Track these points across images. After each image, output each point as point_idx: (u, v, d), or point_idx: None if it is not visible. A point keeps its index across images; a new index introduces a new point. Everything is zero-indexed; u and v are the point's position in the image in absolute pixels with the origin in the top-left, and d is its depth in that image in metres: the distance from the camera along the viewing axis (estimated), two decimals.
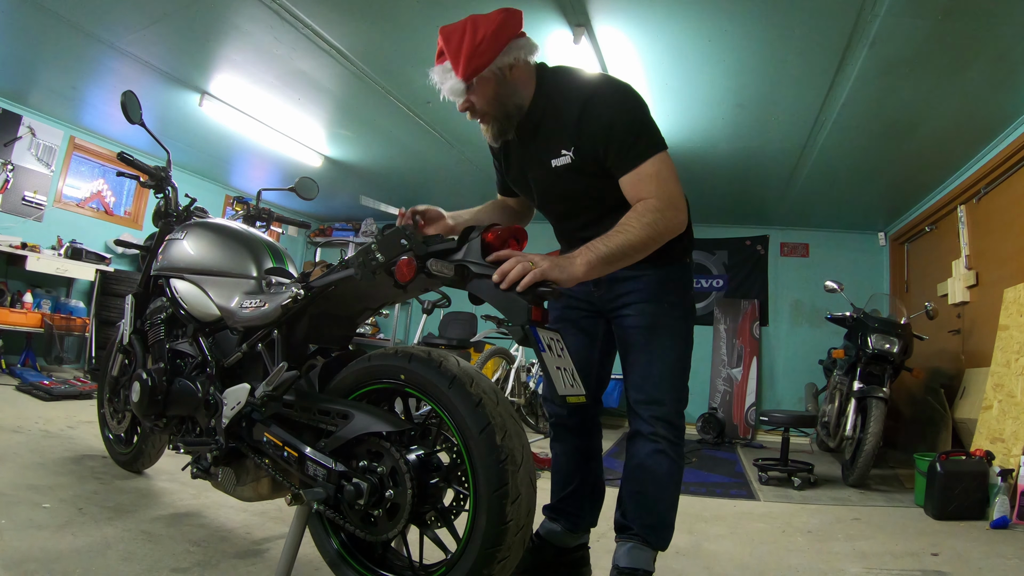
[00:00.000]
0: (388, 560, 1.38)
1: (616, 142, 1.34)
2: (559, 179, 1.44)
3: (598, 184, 1.41)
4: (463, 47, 1.30)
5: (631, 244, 1.26)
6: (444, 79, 1.35)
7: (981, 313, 3.93)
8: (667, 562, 1.90)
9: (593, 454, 1.68)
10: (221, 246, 1.82)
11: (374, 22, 3.09)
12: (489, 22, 1.31)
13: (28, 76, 4.20)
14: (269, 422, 1.44)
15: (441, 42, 1.34)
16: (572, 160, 1.39)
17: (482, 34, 1.29)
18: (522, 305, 1.15)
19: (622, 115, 1.35)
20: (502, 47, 1.32)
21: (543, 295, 1.17)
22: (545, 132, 1.41)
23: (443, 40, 1.33)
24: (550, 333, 1.22)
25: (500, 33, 1.32)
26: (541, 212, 1.63)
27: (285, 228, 7.22)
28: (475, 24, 1.31)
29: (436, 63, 1.37)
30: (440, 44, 1.34)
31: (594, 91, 1.37)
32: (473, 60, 1.29)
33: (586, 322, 1.62)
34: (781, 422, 3.72)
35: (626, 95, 1.38)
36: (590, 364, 1.61)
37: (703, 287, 6.40)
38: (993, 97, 3.23)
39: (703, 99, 3.60)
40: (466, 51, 1.29)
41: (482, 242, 1.21)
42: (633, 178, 1.33)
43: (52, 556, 1.43)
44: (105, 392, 2.32)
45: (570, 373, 1.21)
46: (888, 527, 2.51)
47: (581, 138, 1.36)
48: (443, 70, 1.34)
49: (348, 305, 1.56)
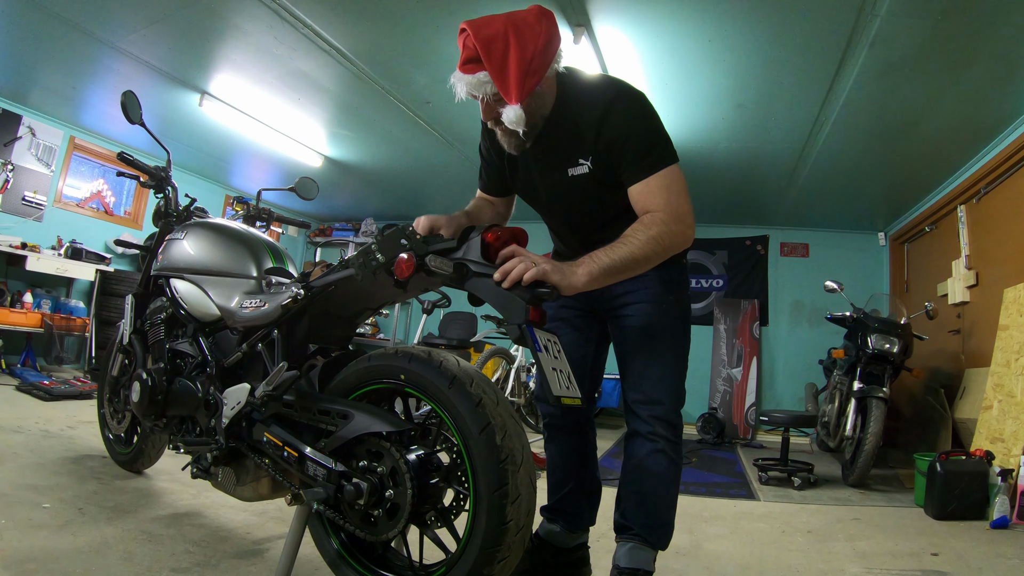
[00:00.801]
0: (388, 560, 1.38)
1: (631, 151, 1.31)
2: (574, 188, 1.41)
3: (611, 194, 1.39)
4: (511, 65, 1.19)
5: (634, 257, 1.23)
6: (477, 88, 1.24)
7: (981, 313, 3.93)
8: (667, 562, 1.90)
9: (588, 453, 1.68)
10: (221, 246, 1.82)
11: (374, 22, 3.09)
12: (536, 36, 1.22)
13: (28, 76, 4.20)
14: (269, 422, 1.44)
15: (476, 48, 1.20)
16: (590, 170, 1.37)
17: (532, 51, 1.21)
18: (520, 305, 1.15)
19: (641, 123, 1.33)
20: (550, 65, 1.26)
21: (541, 296, 1.17)
22: (563, 140, 1.38)
23: (481, 48, 1.19)
24: (547, 334, 1.22)
25: (549, 50, 1.25)
26: (545, 216, 1.60)
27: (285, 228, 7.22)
28: (520, 35, 1.20)
29: (463, 69, 1.24)
30: (472, 49, 1.21)
31: (614, 98, 1.33)
32: (526, 83, 1.21)
33: (580, 321, 1.62)
34: (781, 422, 3.72)
35: (644, 104, 1.36)
36: (584, 363, 1.61)
37: (703, 287, 6.40)
38: (993, 97, 3.23)
39: (703, 99, 3.60)
40: (517, 72, 1.20)
41: (482, 242, 1.21)
42: (643, 188, 1.31)
43: (52, 556, 1.43)
44: (105, 392, 2.32)
45: (566, 375, 1.21)
46: (888, 527, 2.51)
47: (599, 146, 1.34)
48: (478, 82, 1.23)
49: (348, 305, 1.56)
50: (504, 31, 1.20)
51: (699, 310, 6.35)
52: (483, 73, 1.21)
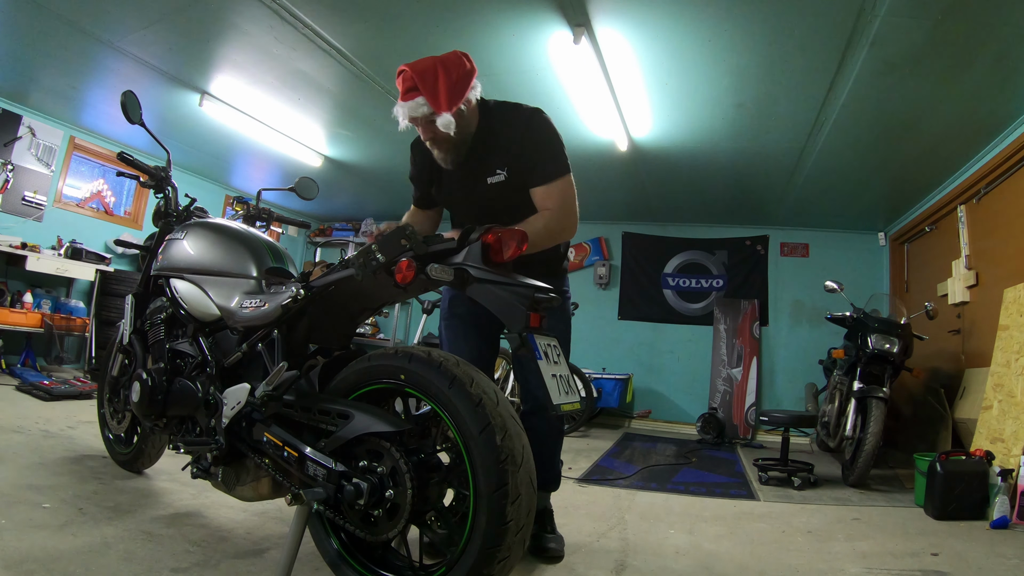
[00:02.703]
0: (388, 560, 1.38)
1: (542, 159, 1.66)
2: (490, 193, 1.71)
3: (519, 198, 1.69)
4: (441, 85, 1.54)
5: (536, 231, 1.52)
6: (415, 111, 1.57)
7: (981, 313, 3.93)
8: (667, 562, 1.90)
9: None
10: (221, 246, 1.82)
11: (374, 22, 3.09)
12: (457, 66, 1.58)
13: (28, 76, 4.20)
14: (269, 422, 1.44)
15: (413, 79, 1.55)
16: (505, 178, 1.69)
17: (456, 75, 1.57)
18: (521, 312, 1.16)
19: (553, 138, 1.69)
20: (469, 87, 1.60)
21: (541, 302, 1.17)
22: (485, 154, 1.69)
23: (417, 78, 1.55)
24: (547, 339, 1.22)
25: (468, 76, 1.61)
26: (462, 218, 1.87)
27: (285, 228, 7.22)
28: (446, 67, 1.57)
29: (404, 99, 1.57)
30: (410, 81, 1.55)
31: (532, 115, 1.69)
32: (453, 97, 1.56)
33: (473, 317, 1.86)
34: (781, 422, 3.72)
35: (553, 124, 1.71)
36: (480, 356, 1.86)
37: (703, 287, 6.40)
38: (993, 97, 3.23)
39: (703, 99, 3.59)
40: (446, 89, 1.55)
41: (482, 245, 1.21)
42: (544, 190, 1.66)
43: (52, 556, 1.43)
44: (105, 392, 2.32)
45: (565, 380, 1.21)
46: (888, 527, 2.51)
47: (516, 157, 1.66)
48: (416, 105, 1.56)
49: (348, 305, 1.56)
50: (433, 65, 1.57)
51: (699, 310, 6.36)
52: (420, 98, 1.55)
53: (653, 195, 5.66)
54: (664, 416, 6.15)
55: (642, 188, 5.45)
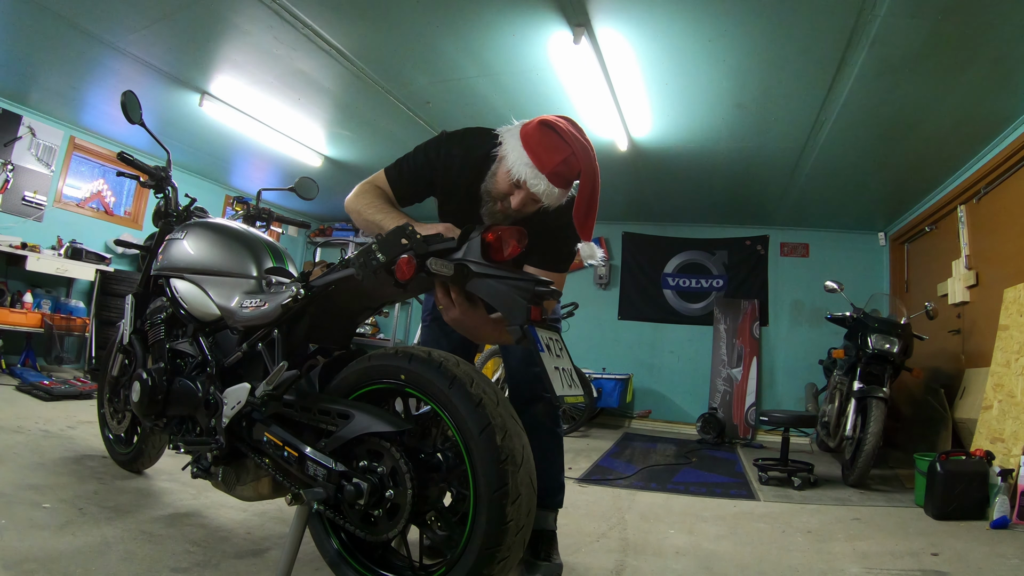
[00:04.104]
0: (388, 560, 1.38)
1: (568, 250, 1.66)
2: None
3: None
4: (593, 216, 1.43)
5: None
6: (551, 199, 1.44)
7: (981, 313, 3.93)
8: (667, 562, 1.90)
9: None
10: (221, 246, 1.82)
11: (374, 22, 3.09)
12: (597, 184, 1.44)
13: (28, 76, 4.20)
14: (269, 422, 1.44)
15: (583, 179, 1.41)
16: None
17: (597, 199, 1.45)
18: (522, 305, 1.15)
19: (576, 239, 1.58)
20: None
21: (542, 295, 1.16)
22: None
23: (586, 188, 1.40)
24: (549, 333, 1.22)
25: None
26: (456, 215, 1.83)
27: (285, 228, 7.22)
28: (598, 179, 1.43)
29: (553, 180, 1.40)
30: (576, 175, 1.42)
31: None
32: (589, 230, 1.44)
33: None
34: (781, 422, 3.72)
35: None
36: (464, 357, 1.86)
37: (703, 287, 6.40)
38: (993, 97, 3.23)
39: (703, 99, 3.60)
40: (593, 222, 1.44)
41: (482, 242, 1.21)
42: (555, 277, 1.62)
43: (52, 556, 1.43)
44: (105, 392, 2.32)
45: (568, 373, 1.21)
46: (888, 527, 2.51)
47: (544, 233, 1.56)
48: (558, 196, 1.44)
49: (348, 305, 1.56)
50: (593, 172, 1.41)
51: (699, 310, 6.36)
52: (570, 195, 1.46)
53: (653, 195, 5.66)
54: (664, 416, 6.15)
55: (642, 188, 5.45)
